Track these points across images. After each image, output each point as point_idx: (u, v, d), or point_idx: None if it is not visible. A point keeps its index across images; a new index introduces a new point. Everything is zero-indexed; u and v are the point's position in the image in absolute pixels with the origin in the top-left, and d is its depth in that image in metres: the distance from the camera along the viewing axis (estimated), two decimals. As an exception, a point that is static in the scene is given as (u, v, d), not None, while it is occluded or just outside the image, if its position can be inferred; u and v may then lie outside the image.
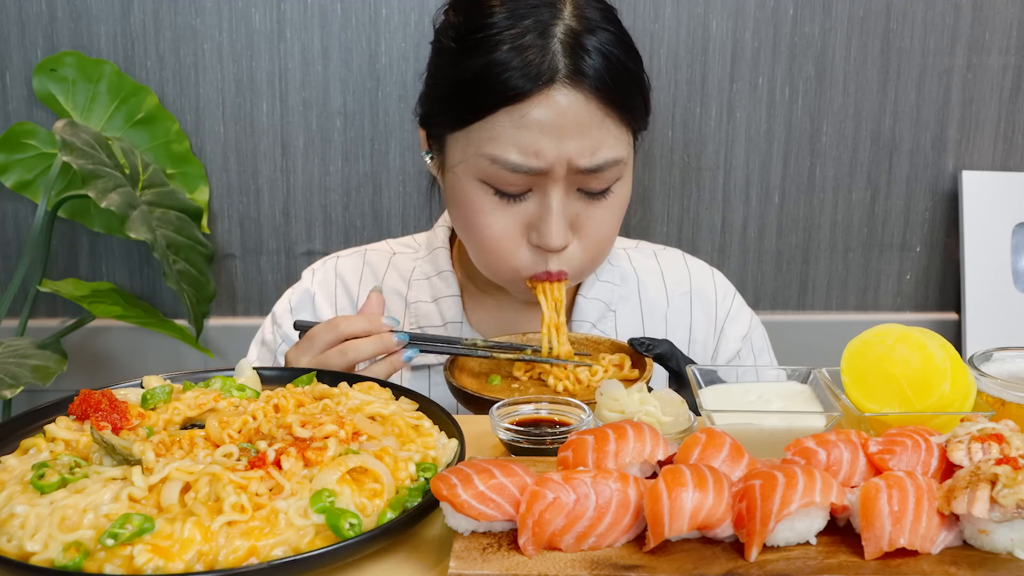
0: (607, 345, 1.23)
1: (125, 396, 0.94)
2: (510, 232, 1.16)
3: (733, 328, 1.38)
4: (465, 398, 1.11)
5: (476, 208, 1.16)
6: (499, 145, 1.11)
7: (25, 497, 0.74)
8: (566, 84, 1.10)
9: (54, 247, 1.99)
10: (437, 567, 0.75)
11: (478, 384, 1.17)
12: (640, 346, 1.15)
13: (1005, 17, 1.99)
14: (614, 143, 1.13)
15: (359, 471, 0.78)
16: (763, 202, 2.07)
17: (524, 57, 1.09)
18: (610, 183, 1.16)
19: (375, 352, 1.12)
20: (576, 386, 1.15)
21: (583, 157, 1.11)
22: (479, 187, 1.15)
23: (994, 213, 2.06)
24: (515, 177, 1.12)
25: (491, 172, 1.13)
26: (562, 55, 1.10)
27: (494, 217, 1.15)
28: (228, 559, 0.69)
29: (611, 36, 1.13)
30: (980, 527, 0.71)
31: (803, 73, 2.00)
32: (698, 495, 0.71)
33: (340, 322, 1.12)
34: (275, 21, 1.93)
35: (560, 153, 1.10)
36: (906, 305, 2.15)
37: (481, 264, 1.23)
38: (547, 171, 1.11)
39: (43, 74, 1.89)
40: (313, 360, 1.12)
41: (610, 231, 1.20)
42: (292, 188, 2.01)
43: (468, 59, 1.12)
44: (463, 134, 1.15)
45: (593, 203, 1.17)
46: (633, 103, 1.16)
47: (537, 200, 1.15)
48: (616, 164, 1.14)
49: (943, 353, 0.90)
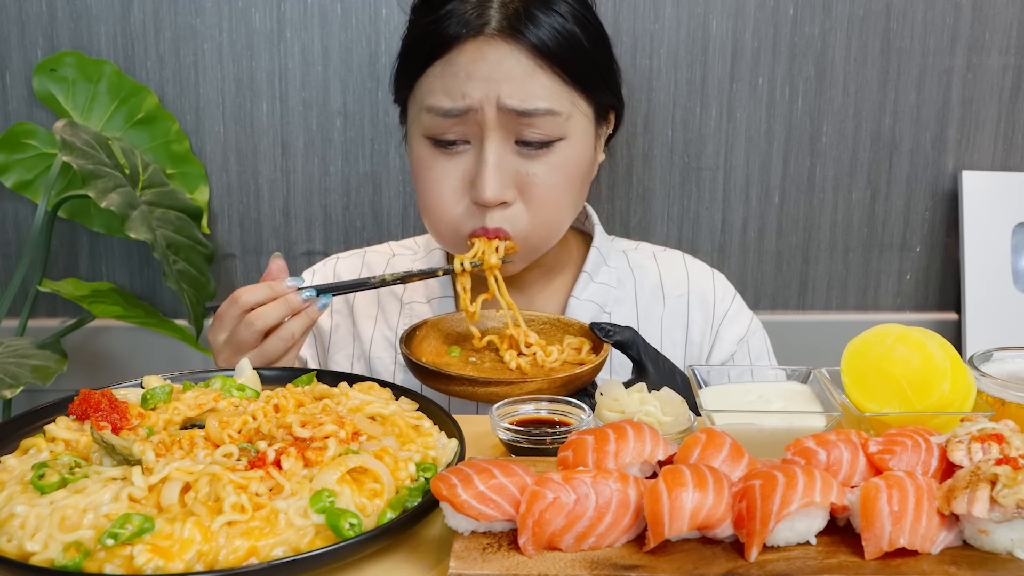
0: (576, 328, 1.22)
1: (125, 396, 0.94)
2: (450, 186, 1.17)
3: (729, 330, 1.37)
4: (415, 368, 1.09)
5: (420, 164, 1.19)
6: (432, 95, 1.15)
7: (25, 497, 0.74)
8: (495, 36, 1.12)
9: (54, 247, 1.99)
10: (437, 567, 0.75)
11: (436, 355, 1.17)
12: (600, 331, 1.14)
13: (1005, 17, 1.99)
14: (548, 95, 1.14)
15: (359, 471, 0.78)
16: (763, 202, 2.07)
17: (460, 12, 1.13)
18: (549, 137, 1.15)
19: (282, 315, 1.10)
20: (532, 367, 1.14)
21: (512, 99, 1.12)
22: (423, 143, 1.18)
23: (994, 213, 2.06)
24: (449, 123, 1.14)
25: (428, 123, 1.16)
26: (496, 11, 1.13)
27: (435, 171, 1.17)
28: (228, 559, 0.69)
29: (568, 8, 1.15)
30: (980, 527, 0.71)
31: (803, 73, 2.00)
32: (698, 495, 0.71)
33: (240, 294, 1.11)
34: (275, 21, 1.93)
35: (488, 92, 1.12)
36: (906, 305, 2.15)
37: (429, 227, 1.24)
38: (476, 110, 1.12)
39: (43, 74, 1.89)
40: (228, 339, 1.11)
41: (556, 194, 1.18)
42: (292, 188, 2.01)
43: (417, 24, 1.19)
44: (412, 96, 1.20)
45: (534, 159, 1.16)
46: (581, 71, 1.16)
47: (475, 153, 1.16)
48: (551, 114, 1.14)
49: (943, 353, 0.90)
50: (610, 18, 1.89)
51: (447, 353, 1.18)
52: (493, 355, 1.19)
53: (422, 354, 1.15)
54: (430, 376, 1.07)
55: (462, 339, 1.22)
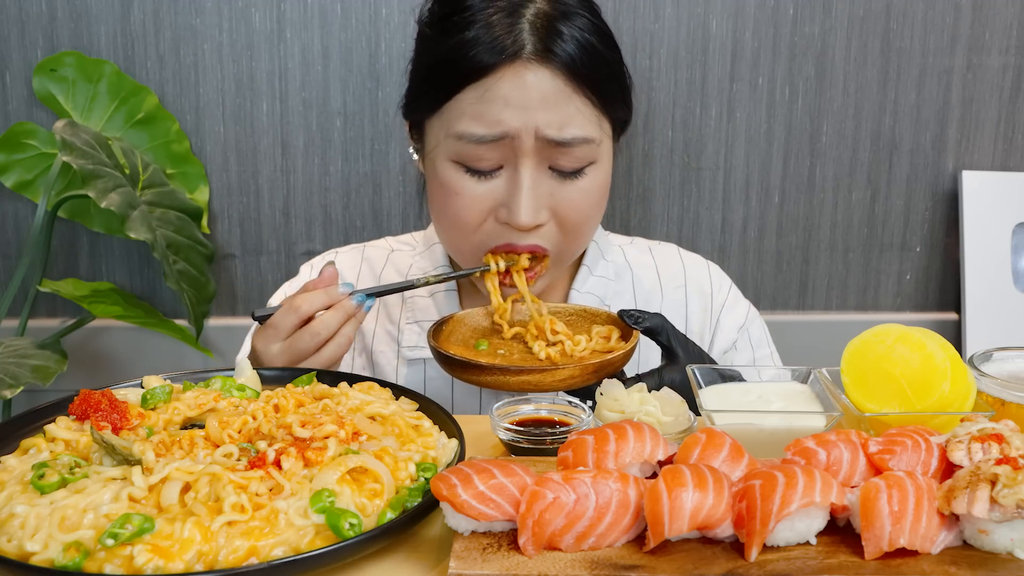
0: (603, 317, 1.22)
1: (125, 396, 0.94)
2: (479, 209, 1.16)
3: (729, 318, 1.38)
4: (444, 360, 1.09)
5: (449, 189, 1.17)
6: (465, 121, 1.12)
7: (25, 497, 0.74)
8: (532, 60, 1.11)
9: (54, 247, 1.99)
10: (437, 567, 0.75)
11: (464, 349, 1.17)
12: (629, 318, 1.14)
13: (1005, 17, 1.99)
14: (584, 122, 1.13)
15: (359, 471, 0.78)
16: (763, 202, 2.07)
17: (491, 33, 1.11)
18: (582, 163, 1.15)
19: (341, 321, 1.11)
20: (561, 356, 1.15)
21: (551, 128, 1.11)
22: (452, 168, 1.16)
23: (994, 213, 2.06)
24: (482, 150, 1.13)
25: (460, 149, 1.14)
26: (529, 33, 1.11)
27: (464, 197, 1.16)
28: (228, 559, 0.69)
29: (587, 22, 1.14)
30: (980, 527, 0.71)
31: (803, 73, 2.00)
32: (698, 495, 0.71)
33: (299, 302, 1.11)
34: (275, 21, 1.93)
35: (526, 122, 1.11)
36: (906, 305, 2.15)
37: (447, 244, 1.24)
38: (514, 138, 1.11)
39: (43, 74, 1.89)
40: (284, 346, 1.11)
41: (588, 215, 1.19)
42: (292, 188, 2.01)
43: (441, 42, 1.15)
44: (437, 117, 1.16)
45: (566, 183, 1.16)
46: (606, 89, 1.16)
47: (508, 176, 1.15)
48: (586, 143, 1.14)
49: (943, 353, 0.90)
50: (610, 18, 1.88)
51: (475, 347, 1.18)
52: (521, 347, 1.19)
53: (450, 348, 1.14)
54: (461, 367, 1.07)
55: (488, 333, 1.22)
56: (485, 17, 1.12)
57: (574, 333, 1.19)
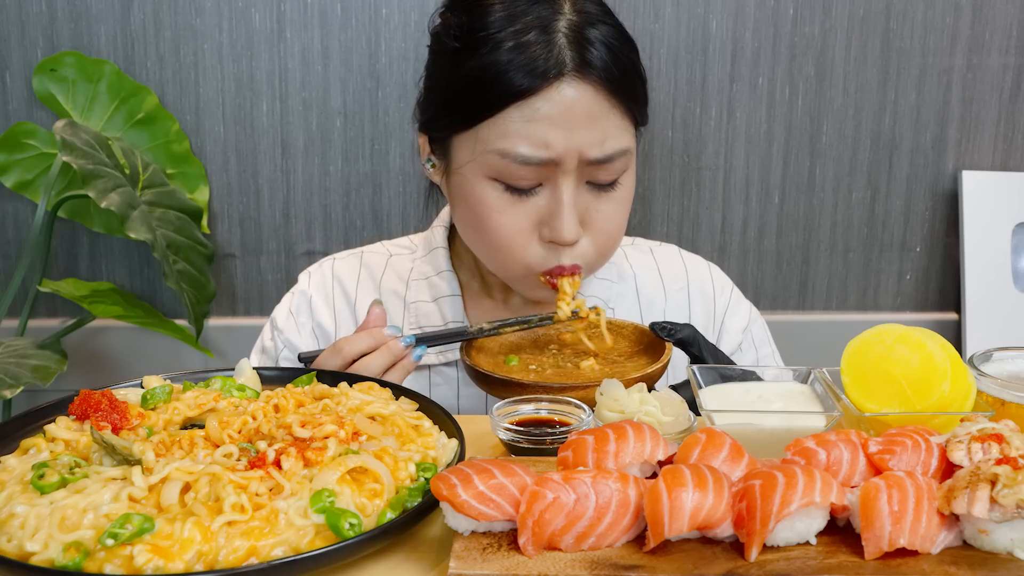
0: (630, 329, 1.22)
1: (125, 396, 0.94)
2: (521, 228, 1.16)
3: (733, 321, 1.38)
4: (482, 379, 1.09)
5: (487, 206, 1.16)
6: (510, 140, 1.11)
7: (25, 497, 0.74)
8: (574, 77, 1.11)
9: (54, 247, 1.99)
10: (437, 567, 0.75)
11: (495, 365, 1.17)
12: (661, 331, 1.15)
13: (1005, 17, 1.99)
14: (620, 133, 1.14)
15: (359, 471, 0.78)
16: (763, 202, 2.07)
17: (530, 53, 1.10)
18: (618, 174, 1.16)
19: (385, 365, 1.10)
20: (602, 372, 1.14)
21: (593, 148, 1.12)
22: (489, 185, 1.15)
23: (994, 213, 2.06)
24: (526, 170, 1.12)
25: (501, 167, 1.13)
26: (568, 49, 1.11)
27: (505, 214, 1.15)
28: (228, 559, 0.69)
29: (611, 29, 1.15)
30: (980, 527, 0.71)
31: (803, 73, 2.00)
32: (698, 495, 0.71)
33: (344, 345, 1.11)
34: (275, 21, 1.93)
35: (570, 144, 1.11)
36: (906, 305, 2.15)
37: (491, 263, 1.22)
38: (558, 162, 1.12)
39: (43, 74, 1.89)
40: None
41: (618, 224, 1.20)
42: (292, 188, 2.01)
43: (471, 59, 1.12)
44: (470, 134, 1.15)
45: (602, 196, 1.17)
46: (636, 93, 1.17)
47: (548, 194, 1.15)
48: (624, 154, 1.15)
49: (943, 353, 0.90)
50: (610, 18, 1.89)
51: (505, 362, 1.18)
52: (552, 360, 1.19)
53: (480, 364, 1.14)
54: (501, 386, 1.07)
55: (516, 348, 1.22)
56: (516, 34, 1.11)
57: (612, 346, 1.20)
